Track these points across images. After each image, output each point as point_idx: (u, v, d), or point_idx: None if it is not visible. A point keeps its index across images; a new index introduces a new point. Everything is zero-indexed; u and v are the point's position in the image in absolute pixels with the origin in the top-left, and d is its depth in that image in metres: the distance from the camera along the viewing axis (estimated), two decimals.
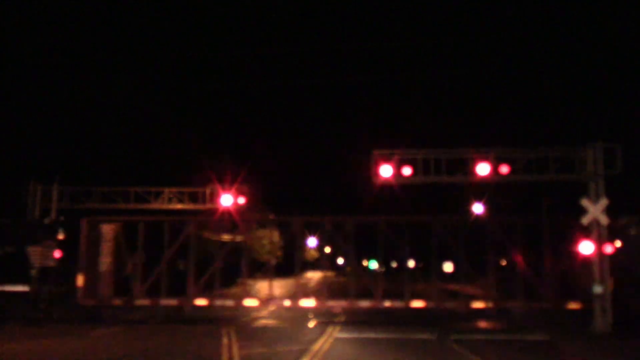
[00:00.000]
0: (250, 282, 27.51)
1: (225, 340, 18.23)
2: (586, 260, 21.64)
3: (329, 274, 34.74)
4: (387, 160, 22.83)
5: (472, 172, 22.35)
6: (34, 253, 23.60)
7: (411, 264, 23.11)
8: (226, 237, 29.72)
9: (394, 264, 27.47)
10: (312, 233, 31.24)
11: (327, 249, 37.11)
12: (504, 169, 22.13)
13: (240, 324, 22.94)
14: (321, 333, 20.07)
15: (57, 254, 23.93)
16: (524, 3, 41.76)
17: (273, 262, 30.60)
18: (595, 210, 21.26)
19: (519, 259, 23.41)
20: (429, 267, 26.01)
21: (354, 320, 23.68)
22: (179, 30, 46.22)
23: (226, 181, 26.53)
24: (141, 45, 44.28)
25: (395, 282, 26.95)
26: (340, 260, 67.54)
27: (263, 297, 24.64)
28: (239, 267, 26.16)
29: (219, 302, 24.35)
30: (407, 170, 22.72)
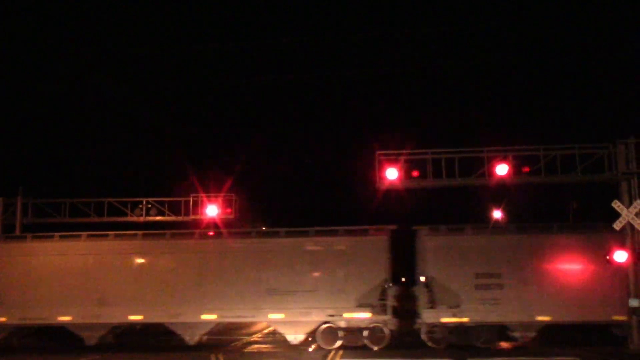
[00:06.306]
0: None
1: None
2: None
3: None
4: (392, 162, 20.41)
5: (489, 174, 20.00)
6: None
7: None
8: None
9: (403, 278, 24.88)
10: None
11: None
12: (524, 170, 19.79)
13: (230, 349, 20.23)
14: (323, 359, 17.50)
15: None
16: None
17: None
18: (628, 214, 18.89)
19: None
20: None
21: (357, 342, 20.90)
22: (161, 31, 43.62)
23: (212, 190, 23.91)
24: (119, 45, 41.66)
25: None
26: None
27: None
28: None
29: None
30: (415, 173, 20.32)
